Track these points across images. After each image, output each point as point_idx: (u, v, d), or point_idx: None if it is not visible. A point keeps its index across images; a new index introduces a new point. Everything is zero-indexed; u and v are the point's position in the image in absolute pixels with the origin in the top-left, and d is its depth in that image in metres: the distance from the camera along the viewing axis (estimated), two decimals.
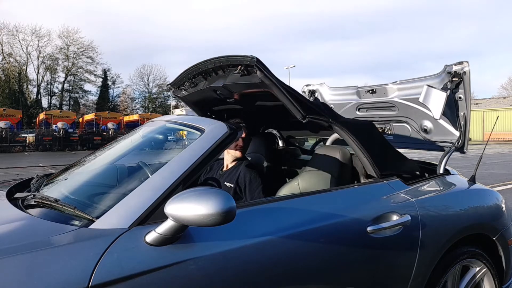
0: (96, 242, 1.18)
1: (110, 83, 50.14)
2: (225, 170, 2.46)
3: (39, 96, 46.87)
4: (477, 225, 2.08)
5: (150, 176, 1.52)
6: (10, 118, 24.41)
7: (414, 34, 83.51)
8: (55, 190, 1.74)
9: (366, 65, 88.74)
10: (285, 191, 2.23)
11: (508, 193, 6.91)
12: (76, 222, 1.30)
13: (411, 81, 2.63)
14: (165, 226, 1.22)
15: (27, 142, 24.07)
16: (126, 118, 31.80)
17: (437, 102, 2.26)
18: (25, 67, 44.81)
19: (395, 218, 1.74)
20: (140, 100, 53.94)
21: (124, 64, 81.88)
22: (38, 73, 46.07)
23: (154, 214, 1.30)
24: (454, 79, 2.33)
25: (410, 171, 2.16)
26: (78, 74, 48.25)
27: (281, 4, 79.00)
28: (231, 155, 2.42)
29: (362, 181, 2.13)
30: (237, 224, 1.30)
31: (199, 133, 1.62)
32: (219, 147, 1.56)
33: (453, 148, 2.38)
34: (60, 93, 48.34)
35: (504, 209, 2.26)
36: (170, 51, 75.67)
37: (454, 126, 2.43)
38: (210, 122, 1.70)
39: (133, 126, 20.93)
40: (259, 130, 3.12)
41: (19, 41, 43.54)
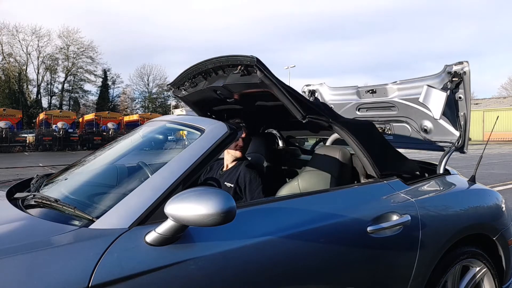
0: (96, 242, 1.18)
1: (110, 83, 50.23)
2: (225, 170, 2.46)
3: (39, 96, 46.93)
4: (477, 225, 2.08)
5: (150, 176, 1.52)
6: (10, 118, 24.40)
7: (414, 34, 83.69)
8: (55, 190, 1.74)
9: (366, 65, 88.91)
10: (285, 191, 2.23)
11: (508, 193, 6.91)
12: (76, 222, 1.30)
13: (411, 81, 2.63)
14: (165, 226, 1.22)
15: (27, 142, 24.06)
16: (126, 118, 31.80)
17: (437, 102, 2.26)
18: (25, 67, 44.85)
19: (395, 218, 1.74)
20: (140, 100, 54.07)
21: (124, 64, 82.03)
22: (38, 73, 46.17)
23: (154, 214, 1.30)
24: (454, 79, 2.33)
25: (410, 171, 2.16)
26: (78, 74, 48.31)
27: (281, 4, 79.13)
28: (231, 155, 2.42)
29: (362, 181, 2.13)
30: (237, 224, 1.30)
31: (199, 133, 1.62)
32: (219, 147, 1.56)
33: (453, 148, 2.38)
34: (60, 93, 48.36)
35: (504, 209, 2.26)
36: (170, 51, 75.78)
37: (454, 126, 2.43)
38: (210, 122, 1.70)
39: (133, 126, 20.92)
40: (259, 130, 3.12)
41: (19, 41, 43.64)
